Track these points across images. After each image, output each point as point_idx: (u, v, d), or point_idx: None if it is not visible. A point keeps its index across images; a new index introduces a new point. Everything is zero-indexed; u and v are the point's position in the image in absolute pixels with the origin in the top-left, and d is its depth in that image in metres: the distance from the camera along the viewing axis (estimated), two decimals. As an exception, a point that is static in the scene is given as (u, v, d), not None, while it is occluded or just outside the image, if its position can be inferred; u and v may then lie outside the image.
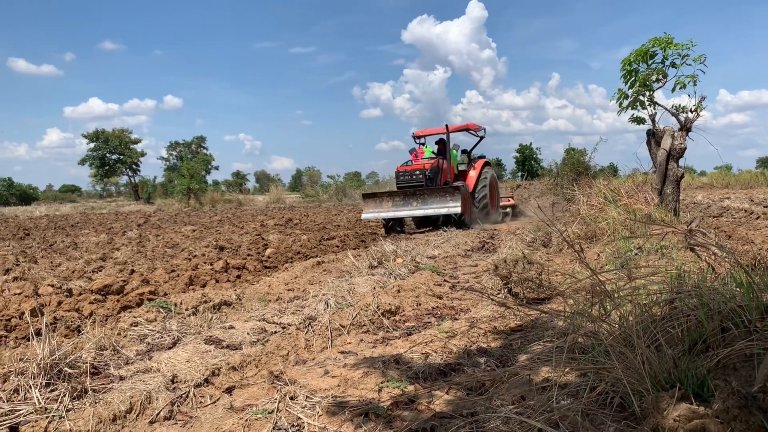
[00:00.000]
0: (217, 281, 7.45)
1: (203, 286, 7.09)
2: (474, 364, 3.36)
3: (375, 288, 5.86)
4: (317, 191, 45.24)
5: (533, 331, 3.74)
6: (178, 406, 3.09)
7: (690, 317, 2.43)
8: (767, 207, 14.90)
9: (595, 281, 2.67)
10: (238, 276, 7.94)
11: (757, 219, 12.31)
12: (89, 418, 2.81)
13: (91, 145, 60.33)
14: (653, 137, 8.30)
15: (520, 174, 62.19)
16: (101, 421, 2.83)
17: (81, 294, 6.02)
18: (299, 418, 2.72)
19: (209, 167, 61.75)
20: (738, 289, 2.56)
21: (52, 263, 9.42)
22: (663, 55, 7.86)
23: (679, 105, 8.02)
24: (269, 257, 9.69)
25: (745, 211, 14.07)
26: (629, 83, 8.21)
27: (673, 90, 7.81)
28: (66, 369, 3.24)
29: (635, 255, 5.38)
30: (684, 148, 7.87)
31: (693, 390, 2.11)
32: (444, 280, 6.82)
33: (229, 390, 3.31)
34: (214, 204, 37.92)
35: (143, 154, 62.96)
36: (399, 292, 5.52)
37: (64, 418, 2.81)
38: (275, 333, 4.47)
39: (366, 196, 15.30)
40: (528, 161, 64.27)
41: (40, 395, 2.99)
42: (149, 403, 3.06)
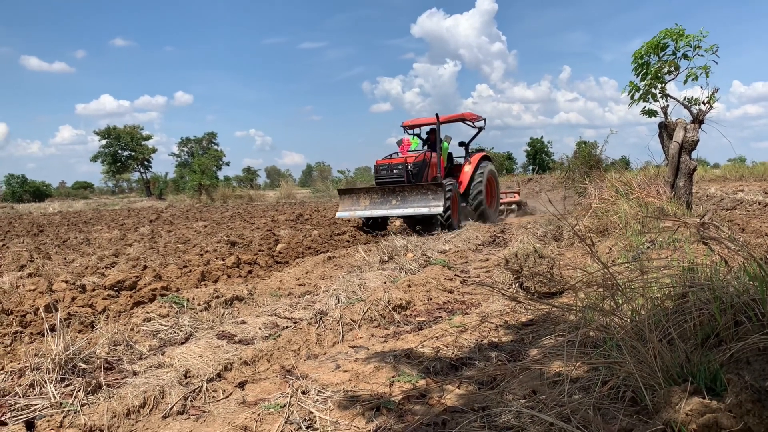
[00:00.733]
0: (229, 276, 7.48)
1: (215, 281, 7.13)
2: (485, 358, 3.36)
3: (386, 283, 5.87)
4: (328, 186, 45.27)
5: (544, 326, 3.73)
6: (191, 400, 3.12)
7: (702, 311, 2.41)
8: (781, 199, 14.75)
9: (607, 275, 2.66)
10: (249, 271, 7.97)
11: (771, 211, 12.19)
12: (104, 412, 2.84)
13: (103, 142, 60.67)
14: (665, 130, 8.23)
15: (531, 168, 61.92)
16: (115, 416, 2.86)
17: (94, 290, 6.06)
18: (311, 412, 2.74)
19: (220, 163, 62.02)
20: (751, 283, 2.54)
21: (65, 259, 9.50)
22: (675, 47, 7.80)
23: (692, 97, 7.96)
24: (280, 252, 9.72)
25: (759, 204, 13.94)
26: (641, 76, 8.15)
27: (685, 82, 7.76)
28: (80, 364, 3.27)
29: (647, 248, 5.35)
30: (696, 140, 7.81)
31: (705, 384, 2.10)
32: (455, 274, 6.82)
33: (242, 384, 3.33)
34: (225, 200, 38.05)
35: (154, 150, 63.23)
36: (410, 286, 5.52)
37: (79, 412, 2.84)
38: (287, 328, 4.49)
39: (342, 192, 13.68)
40: (539, 155, 63.96)
41: (55, 390, 3.02)
42: (162, 398, 3.09)
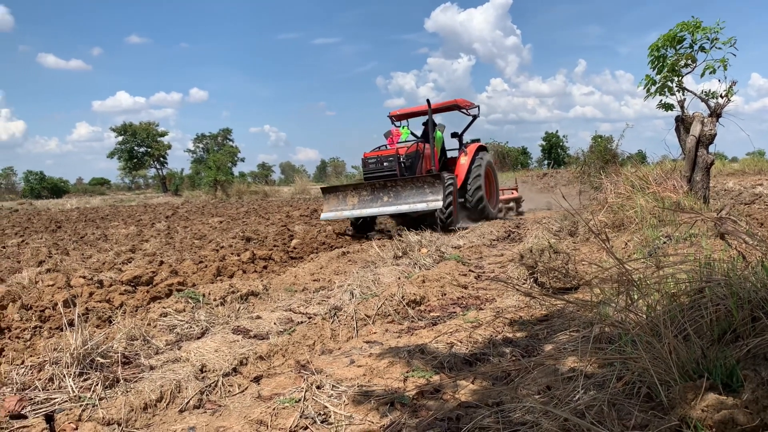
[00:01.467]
0: (244, 272, 7.53)
1: (231, 276, 7.18)
2: (499, 353, 3.36)
3: (400, 278, 5.88)
4: (342, 182, 45.38)
5: (559, 321, 3.72)
6: (207, 394, 3.15)
7: (719, 306, 2.39)
8: (801, 193, 14.55)
9: (622, 270, 2.65)
10: (264, 267, 8.02)
11: (791, 206, 12.03)
12: (121, 406, 2.88)
13: (120, 139, 61.22)
14: (682, 123, 8.15)
15: (546, 162, 61.58)
16: (133, 410, 2.89)
17: (111, 285, 6.13)
18: (326, 406, 2.76)
19: (235, 159, 62.31)
20: (769, 278, 2.51)
21: (83, 255, 9.61)
22: (691, 40, 7.71)
23: (709, 90, 7.87)
24: (295, 248, 9.77)
25: (778, 198, 13.75)
26: (657, 69, 8.08)
27: (703, 75, 7.67)
28: (98, 359, 3.32)
29: (663, 243, 5.31)
30: (714, 134, 7.72)
31: (721, 380, 2.09)
32: (469, 270, 6.80)
33: (257, 379, 3.36)
34: (240, 195, 38.24)
35: (170, 146, 63.69)
36: (424, 282, 5.52)
37: (97, 406, 2.88)
38: (301, 323, 4.51)
39: (326, 190, 12.02)
40: (554, 149, 63.57)
41: (73, 384, 3.07)
42: (179, 392, 3.12)
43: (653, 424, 1.99)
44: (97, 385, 3.08)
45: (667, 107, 8.30)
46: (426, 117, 13.28)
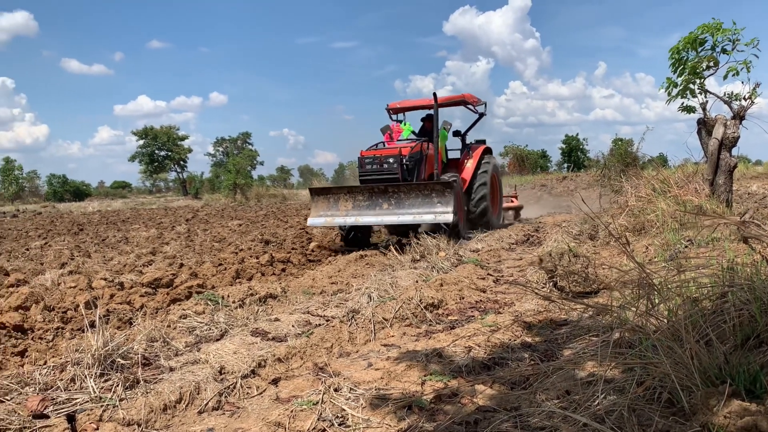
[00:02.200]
0: (263, 274, 7.57)
1: (249, 279, 7.23)
2: (518, 358, 3.33)
3: (417, 281, 5.87)
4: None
5: (578, 325, 3.69)
6: (225, 396, 3.16)
7: (742, 311, 2.36)
8: (827, 197, 14.29)
9: (642, 274, 2.62)
10: (283, 269, 8.06)
11: (816, 210, 11.82)
12: (141, 407, 2.90)
13: (140, 142, 61.85)
14: (704, 126, 8.05)
15: (566, 166, 61.13)
16: (152, 411, 2.92)
17: (132, 287, 6.20)
18: (343, 409, 2.76)
19: (254, 163, 62.73)
20: (793, 283, 2.47)
21: (104, 257, 9.72)
22: (713, 42, 7.62)
23: (732, 92, 7.77)
24: (313, 251, 9.81)
25: (803, 202, 13.52)
26: (678, 71, 7.99)
27: (726, 77, 7.58)
28: (119, 360, 3.35)
29: (685, 247, 5.24)
30: (737, 137, 7.62)
31: (745, 386, 2.05)
32: (488, 273, 6.78)
33: (275, 381, 3.37)
34: (259, 199, 38.47)
35: (190, 150, 64.22)
36: (442, 285, 5.51)
37: (117, 407, 2.91)
38: (319, 325, 4.52)
39: (316, 192, 10.31)
40: (574, 152, 63.08)
41: (95, 385, 3.10)
42: (198, 394, 3.14)
43: (675, 430, 1.96)
44: (118, 386, 3.11)
45: (689, 110, 8.21)
46: (425, 112, 12.26)
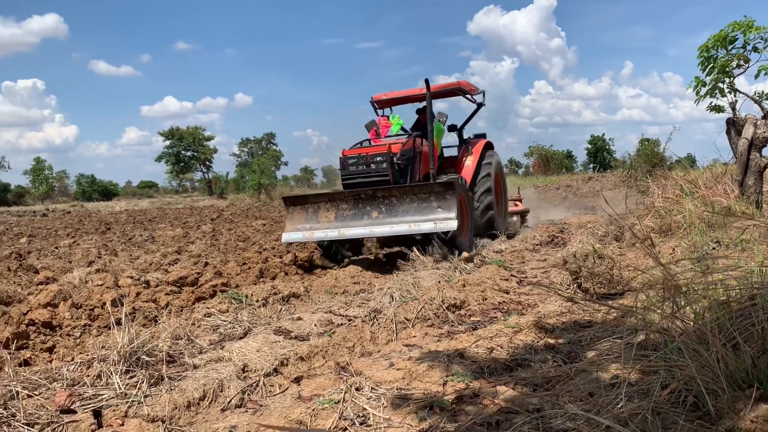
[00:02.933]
0: (286, 274, 7.62)
1: (273, 278, 7.28)
2: (540, 359, 3.31)
3: (440, 282, 5.86)
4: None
5: (602, 328, 3.65)
6: (248, 394, 3.19)
7: (771, 314, 2.31)
8: None
9: (667, 276, 2.58)
10: (306, 269, 8.10)
11: None
12: (165, 404, 2.94)
13: (167, 143, 62.70)
14: (733, 126, 7.91)
15: (591, 166, 60.48)
16: (176, 407, 2.95)
17: (158, 285, 6.28)
18: (365, 408, 2.76)
19: (279, 163, 63.20)
20: (824, 286, 2.41)
21: (131, 256, 9.87)
22: (744, 40, 7.47)
23: (762, 91, 7.61)
24: (336, 251, 9.83)
25: (837, 203, 13.20)
26: (707, 70, 7.86)
27: (757, 76, 7.42)
28: (144, 357, 3.39)
29: (713, 249, 5.16)
30: (767, 137, 7.47)
31: (773, 391, 2.01)
32: (511, 274, 6.74)
33: (297, 380, 3.39)
34: (283, 199, 38.64)
35: (216, 150, 64.93)
36: (464, 286, 5.49)
37: (142, 403, 2.95)
38: (341, 325, 4.54)
39: (290, 201, 8.64)
40: (600, 153, 62.45)
41: (120, 381, 3.15)
42: (221, 391, 3.17)
43: (700, 434, 1.93)
44: (143, 383, 3.15)
45: (718, 110, 8.06)
46: (417, 106, 10.72)
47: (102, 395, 3.03)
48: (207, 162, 64.06)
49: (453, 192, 7.62)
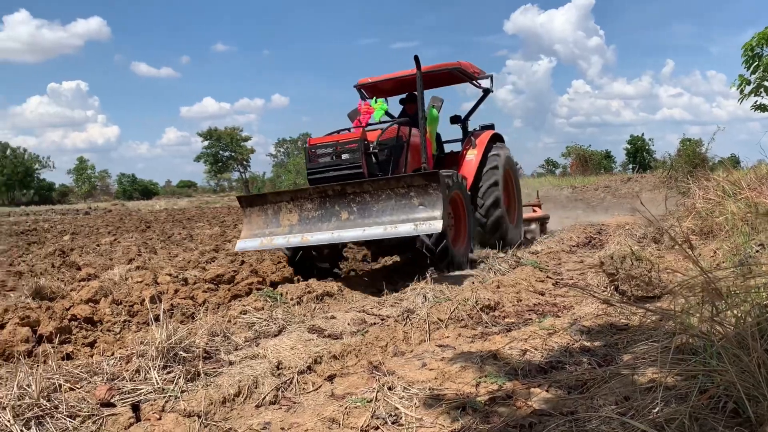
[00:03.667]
0: (321, 273, 7.67)
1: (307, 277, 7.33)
2: (575, 362, 3.27)
3: (474, 282, 5.83)
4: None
5: (639, 330, 3.58)
6: (282, 391, 3.23)
7: (815, 320, 2.24)
8: None
9: (707, 279, 2.52)
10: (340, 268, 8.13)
11: None
12: (201, 399, 2.99)
13: (205, 143, 63.80)
14: (779, 125, 7.69)
15: (631, 167, 59.40)
16: (212, 403, 3.00)
17: (195, 283, 6.39)
18: (397, 408, 2.77)
19: (314, 163, 63.49)
20: None
21: (170, 254, 10.06)
22: (790, 37, 7.27)
23: (810, 90, 7.39)
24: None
25: None
26: (751, 69, 7.66)
27: (803, 74, 7.21)
28: (181, 353, 3.46)
29: (756, 252, 5.02)
30: (815, 136, 7.24)
31: (817, 398, 1.95)
32: (546, 276, 6.66)
33: (331, 378, 3.41)
34: (318, 198, 38.90)
35: (253, 151, 65.86)
36: (498, 287, 5.45)
37: (179, 398, 3.01)
38: (374, 324, 4.55)
39: (246, 201, 7.22)
40: (640, 153, 61.29)
41: (158, 376, 3.21)
42: (256, 388, 3.21)
43: (739, 441, 1.89)
44: (180, 378, 3.21)
45: (763, 108, 7.87)
46: (407, 85, 9.02)
47: (140, 389, 3.10)
48: (244, 162, 64.99)
49: (437, 185, 6.09)
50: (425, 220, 6.02)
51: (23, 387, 2.77)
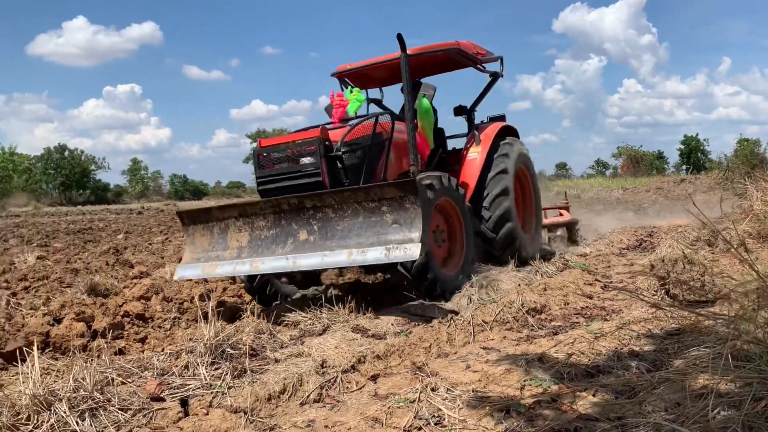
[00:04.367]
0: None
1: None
2: (624, 366, 3.20)
3: (519, 285, 5.76)
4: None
5: (691, 336, 3.48)
6: (326, 389, 3.26)
7: None
8: None
9: (763, 284, 2.44)
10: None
11: None
12: (247, 395, 3.05)
13: (254, 145, 64.85)
14: (843, 124, 7.35)
15: (684, 168, 57.74)
16: (258, 400, 3.05)
17: (243, 282, 6.50)
18: (440, 409, 2.76)
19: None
20: None
21: (219, 253, 10.24)
22: None
23: None
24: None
25: None
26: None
27: None
28: (228, 350, 3.53)
29: (817, 256, 4.81)
30: None
31: None
32: (595, 279, 6.53)
33: (374, 378, 3.43)
34: (364, 199, 39.03)
35: (300, 152, 66.46)
36: (545, 290, 5.37)
37: (226, 394, 3.07)
38: (418, 325, 4.55)
39: (189, 218, 5.80)
40: (694, 153, 59.57)
41: (206, 372, 3.29)
42: (300, 386, 3.25)
43: (796, 451, 1.82)
44: (227, 375, 3.28)
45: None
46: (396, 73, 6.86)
47: (189, 385, 3.18)
48: (292, 163, 65.71)
49: (415, 197, 4.69)
50: (399, 243, 4.65)
51: (78, 380, 2.87)
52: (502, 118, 8.25)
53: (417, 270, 5.24)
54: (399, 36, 6.13)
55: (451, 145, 8.29)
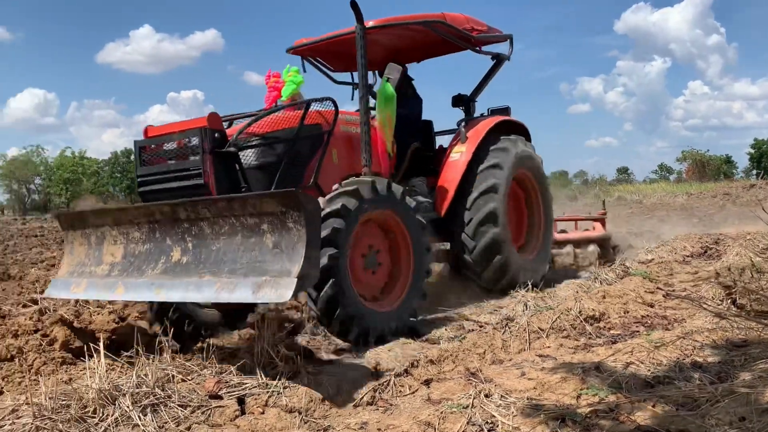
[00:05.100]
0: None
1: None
2: (685, 378, 3.09)
3: (578, 292, 5.65)
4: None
5: (759, 348, 3.34)
6: (379, 393, 3.27)
7: None
8: None
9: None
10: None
11: None
12: (302, 396, 3.10)
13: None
14: None
15: (755, 172, 55.36)
16: (312, 401, 3.10)
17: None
18: (493, 416, 2.74)
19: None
20: None
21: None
22: None
23: None
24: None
25: None
26: None
27: None
28: (284, 351, 3.59)
29: None
30: None
31: None
32: (657, 287, 6.33)
33: (427, 382, 3.43)
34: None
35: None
36: (604, 297, 5.25)
37: (281, 394, 3.13)
38: (472, 331, 4.53)
39: (67, 221, 4.65)
40: (765, 157, 57.06)
41: (262, 372, 3.36)
42: (354, 388, 3.28)
43: None
44: (282, 375, 3.34)
45: None
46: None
47: (245, 384, 3.25)
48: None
49: (299, 213, 3.31)
50: (275, 276, 3.35)
51: (141, 376, 2.98)
52: (505, 110, 6.92)
53: (324, 303, 4.12)
54: (353, 3, 4.91)
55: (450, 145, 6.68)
